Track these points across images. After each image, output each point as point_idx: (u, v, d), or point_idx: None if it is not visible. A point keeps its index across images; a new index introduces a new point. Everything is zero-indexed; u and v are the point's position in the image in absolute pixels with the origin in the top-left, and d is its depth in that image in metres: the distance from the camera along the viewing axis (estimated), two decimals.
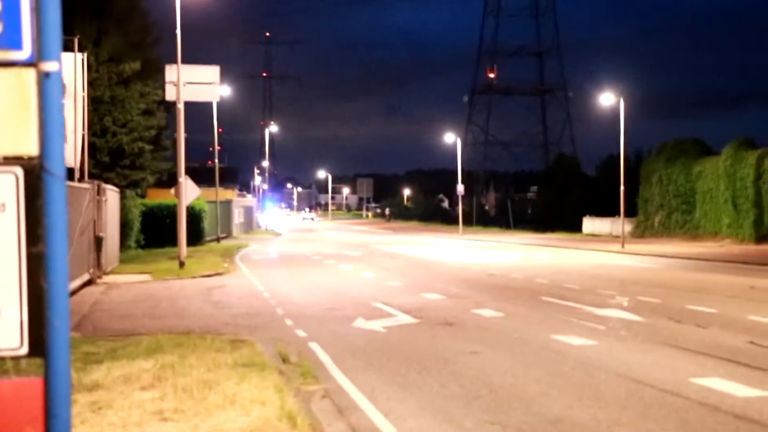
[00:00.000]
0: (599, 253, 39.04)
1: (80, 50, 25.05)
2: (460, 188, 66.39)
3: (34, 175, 3.13)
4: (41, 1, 2.98)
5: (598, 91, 48.22)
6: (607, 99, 45.28)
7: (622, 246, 42.01)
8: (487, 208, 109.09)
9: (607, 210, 61.57)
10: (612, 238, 54.34)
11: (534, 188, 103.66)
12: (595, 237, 58.31)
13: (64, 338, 3.20)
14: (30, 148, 3.12)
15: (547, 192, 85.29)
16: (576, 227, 66.55)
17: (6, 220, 3.19)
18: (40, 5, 2.98)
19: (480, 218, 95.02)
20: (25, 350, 3.25)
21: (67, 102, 22.17)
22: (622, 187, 42.87)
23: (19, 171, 3.16)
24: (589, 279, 23.71)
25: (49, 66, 3.07)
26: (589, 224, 65.59)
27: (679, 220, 54.23)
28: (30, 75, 3.10)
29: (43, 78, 3.06)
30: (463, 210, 70.72)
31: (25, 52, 3.10)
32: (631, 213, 54.77)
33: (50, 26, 3.02)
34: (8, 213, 3.17)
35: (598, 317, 15.23)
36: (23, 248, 3.19)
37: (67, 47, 23.62)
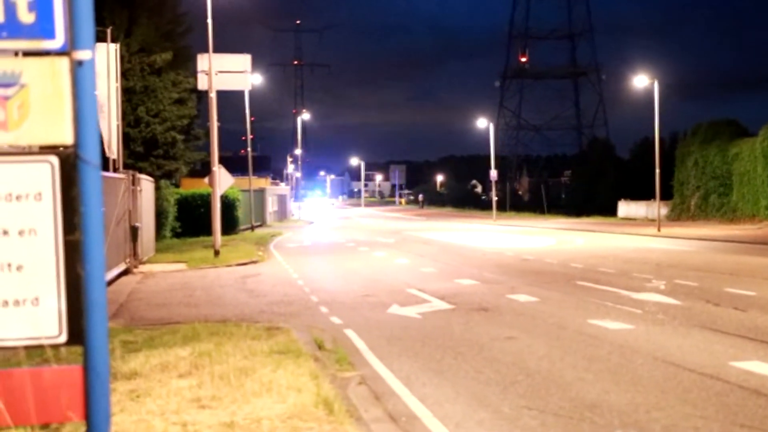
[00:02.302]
0: (634, 236, 38.72)
1: (112, 41, 25.19)
2: (494, 173, 66.13)
3: (69, 164, 3.15)
4: None
5: (630, 73, 47.86)
6: (641, 81, 44.82)
7: (658, 229, 41.66)
8: (520, 193, 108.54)
9: (642, 193, 61.06)
10: (647, 221, 53.90)
11: (567, 172, 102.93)
12: (630, 221, 57.88)
13: (102, 326, 3.22)
14: (65, 136, 3.13)
15: (581, 176, 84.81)
16: (610, 211, 66.09)
17: (42, 208, 3.21)
18: None
19: (513, 203, 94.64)
20: (64, 338, 3.27)
21: (102, 92, 22.33)
22: (657, 170, 42.45)
23: (55, 160, 3.18)
24: (624, 263, 23.53)
25: (82, 54, 3.08)
26: (624, 208, 65.07)
27: (716, 202, 53.65)
28: (63, 64, 3.11)
29: (77, 66, 3.06)
30: (496, 195, 70.44)
31: (58, 41, 3.12)
32: (666, 196, 54.23)
33: (83, 15, 3.03)
34: (44, 202, 3.19)
35: (634, 301, 15.11)
36: (60, 236, 3.21)
37: (100, 38, 23.78)
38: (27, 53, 3.08)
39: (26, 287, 3.17)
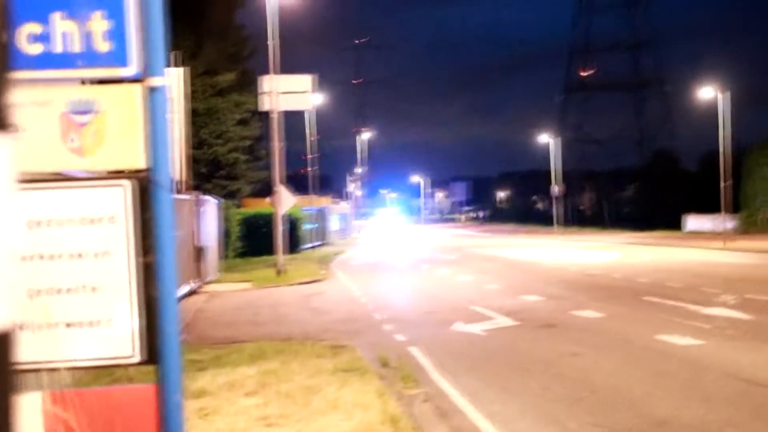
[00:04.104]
0: (701, 250, 38.03)
1: (179, 65, 25.68)
2: (556, 189, 65.64)
3: (143, 188, 3.24)
4: (147, 20, 3.08)
5: (696, 83, 47.09)
6: (707, 92, 44.11)
7: (724, 243, 40.84)
8: (582, 207, 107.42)
9: (709, 206, 59.85)
10: (714, 235, 52.86)
11: (631, 186, 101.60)
12: (696, 234, 56.85)
13: (175, 346, 3.29)
14: (138, 161, 3.23)
15: (646, 189, 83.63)
16: (676, 225, 64.99)
17: (117, 231, 3.30)
18: (146, 24, 3.08)
19: (576, 218, 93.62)
20: (137, 358, 3.35)
21: (170, 115, 22.77)
22: (722, 183, 41.67)
23: (128, 184, 3.27)
24: (691, 277, 23.12)
25: (155, 81, 3.17)
26: (691, 222, 63.95)
27: None
28: (137, 90, 3.21)
29: (150, 93, 3.16)
30: (558, 210, 69.85)
31: (132, 69, 3.21)
32: (734, 209, 53.16)
33: (155, 43, 3.12)
34: (118, 224, 3.27)
35: (703, 316, 14.83)
36: (133, 258, 3.30)
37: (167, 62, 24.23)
38: (102, 81, 3.18)
39: (101, 308, 3.25)
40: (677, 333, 12.89)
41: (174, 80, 22.94)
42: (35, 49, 3.13)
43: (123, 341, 3.30)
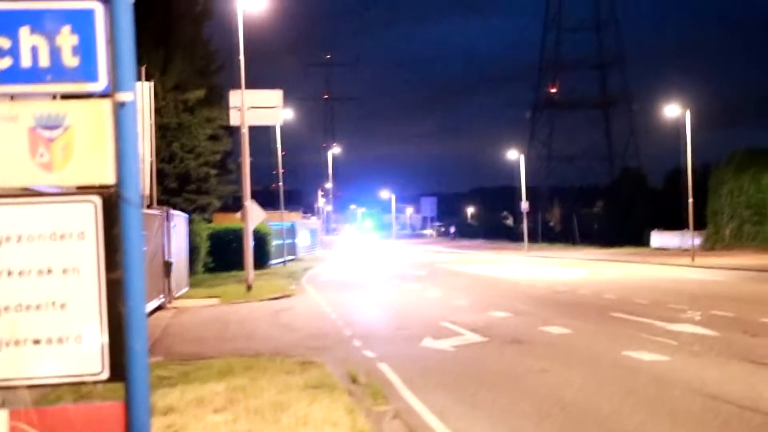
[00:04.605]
0: (668, 267, 38.39)
1: (147, 79, 25.58)
2: (525, 205, 65.98)
3: (112, 204, 3.22)
4: (116, 35, 3.07)
5: (662, 102, 47.65)
6: (672, 110, 44.65)
7: (692, 259, 41.27)
8: (551, 224, 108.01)
9: (675, 223, 60.48)
10: (681, 251, 53.40)
11: (599, 203, 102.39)
12: (663, 251, 57.38)
13: (144, 363, 3.27)
14: (107, 176, 3.21)
15: (613, 206, 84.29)
16: (643, 241, 65.52)
17: (85, 247, 3.27)
18: (115, 38, 3.07)
19: (545, 234, 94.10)
20: (106, 375, 3.32)
21: (138, 130, 22.65)
22: (690, 200, 42.13)
23: (97, 200, 3.25)
24: (658, 294, 23.32)
25: (124, 96, 3.16)
26: (657, 238, 64.48)
27: (751, 231, 53.09)
28: (106, 105, 3.19)
29: (119, 108, 3.14)
30: (527, 226, 70.19)
31: (101, 84, 3.20)
32: (700, 226, 53.74)
33: (125, 58, 3.11)
34: (87, 240, 3.25)
35: (669, 332, 14.96)
36: (102, 274, 3.27)
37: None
38: (71, 96, 3.17)
39: (69, 325, 3.23)
40: (644, 349, 12.99)
41: (141, 95, 22.85)
42: (3, 63, 3.11)
43: (91, 358, 3.27)
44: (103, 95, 3.15)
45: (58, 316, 3.21)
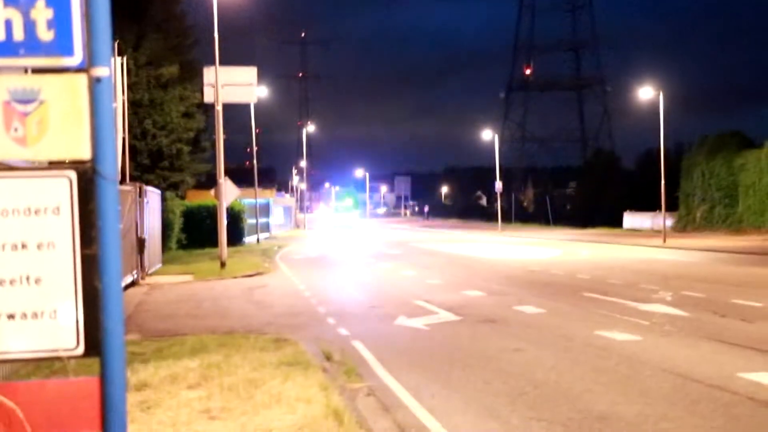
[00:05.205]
0: (640, 248, 38.71)
1: (120, 54, 25.33)
2: (498, 185, 66.18)
3: (87, 179, 3.19)
4: (92, 9, 3.03)
5: (635, 85, 47.83)
6: (646, 93, 44.84)
7: (664, 240, 41.63)
8: (525, 204, 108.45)
9: (648, 205, 60.98)
10: (653, 233, 53.84)
11: (572, 184, 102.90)
12: (635, 232, 57.81)
13: (119, 338, 3.25)
14: (83, 152, 3.18)
15: (586, 187, 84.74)
16: (616, 222, 65.99)
17: (60, 222, 3.25)
18: (90, 12, 3.04)
19: (518, 215, 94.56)
20: (81, 350, 3.30)
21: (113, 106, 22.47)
22: (662, 182, 42.43)
23: (73, 175, 3.22)
24: (631, 274, 23.53)
25: (100, 71, 3.12)
26: (630, 219, 64.96)
27: (722, 213, 53.59)
28: (82, 80, 3.15)
29: (95, 83, 3.11)
30: (501, 207, 70.42)
31: (77, 58, 3.16)
32: (672, 207, 54.17)
33: (101, 33, 3.07)
34: (63, 216, 3.23)
35: (641, 312, 15.11)
36: (77, 250, 3.25)
37: None
38: (46, 70, 3.13)
39: (44, 300, 3.21)
40: (616, 329, 13.12)
41: (113, 70, 22.63)
42: None
43: (66, 333, 3.26)
44: (78, 70, 3.12)
45: (33, 291, 3.19)
